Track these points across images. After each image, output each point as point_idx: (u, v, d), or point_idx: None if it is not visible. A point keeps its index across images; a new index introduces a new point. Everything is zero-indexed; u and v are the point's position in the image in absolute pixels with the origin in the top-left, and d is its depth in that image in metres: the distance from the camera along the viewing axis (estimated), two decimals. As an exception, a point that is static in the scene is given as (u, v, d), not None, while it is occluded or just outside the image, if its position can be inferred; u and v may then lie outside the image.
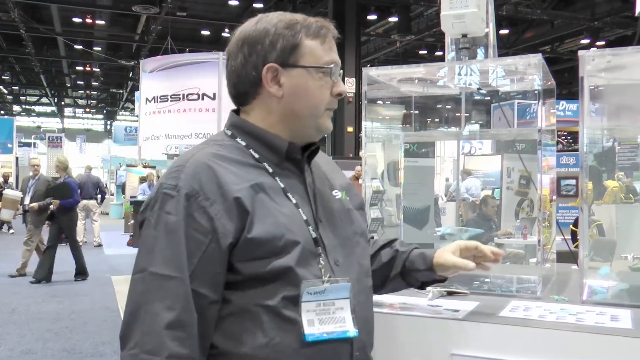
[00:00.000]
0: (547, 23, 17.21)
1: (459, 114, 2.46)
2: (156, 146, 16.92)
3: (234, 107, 1.35)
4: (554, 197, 2.39)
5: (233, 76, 1.30)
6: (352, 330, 1.22)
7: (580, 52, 1.81)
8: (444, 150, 2.78)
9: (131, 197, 14.54)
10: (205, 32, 19.72)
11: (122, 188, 19.39)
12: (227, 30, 19.46)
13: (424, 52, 20.71)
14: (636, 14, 2.34)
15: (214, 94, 12.34)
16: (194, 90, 12.61)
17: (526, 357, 1.44)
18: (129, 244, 12.43)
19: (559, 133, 12.73)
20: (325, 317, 1.20)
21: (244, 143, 1.27)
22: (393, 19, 17.00)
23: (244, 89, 1.29)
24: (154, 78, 13.46)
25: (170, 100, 12.98)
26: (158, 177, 15.75)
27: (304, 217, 1.22)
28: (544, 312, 1.60)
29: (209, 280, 1.15)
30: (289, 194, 1.23)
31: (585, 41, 17.43)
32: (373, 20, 17.96)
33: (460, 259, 1.49)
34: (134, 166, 18.35)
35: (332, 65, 1.28)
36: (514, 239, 2.27)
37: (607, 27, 16.77)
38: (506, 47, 17.34)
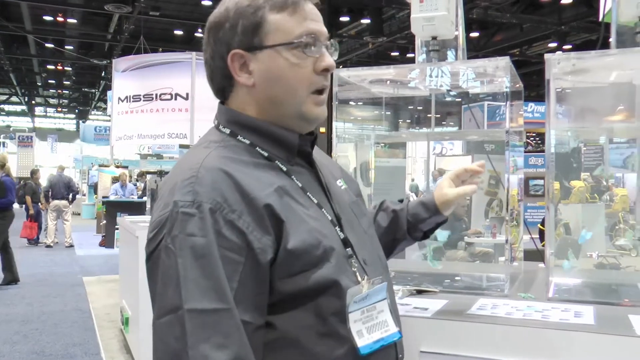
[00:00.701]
0: (516, 27, 17.45)
1: (429, 115, 2.48)
2: (129, 146, 16.78)
3: (207, 107, 1.26)
4: (520, 197, 2.42)
5: (207, 70, 1.15)
6: (397, 332, 1.11)
7: (547, 56, 1.83)
8: (415, 150, 2.80)
9: (103, 197, 14.35)
10: (179, 32, 19.54)
11: (94, 188, 19.12)
12: (200, 30, 19.31)
13: (396, 53, 20.82)
14: (600, 19, 2.39)
15: (187, 94, 12.27)
16: (167, 90, 12.51)
17: (493, 354, 1.45)
18: (101, 244, 12.28)
19: (528, 134, 12.93)
20: (371, 324, 1.07)
21: (247, 141, 1.10)
22: (365, 21, 17.06)
23: (219, 82, 1.15)
24: (127, 77, 13.33)
25: (143, 100, 12.87)
26: (130, 177, 15.58)
27: (329, 218, 1.09)
28: (511, 309, 1.62)
29: (252, 305, 0.97)
30: (309, 194, 1.09)
31: (553, 45, 17.70)
32: (346, 22, 18.01)
33: (461, 188, 1.43)
34: (106, 166, 18.13)
35: (303, 38, 1.09)
36: (483, 238, 2.30)
37: (574, 32, 17.07)
38: (476, 50, 17.54)
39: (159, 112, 12.71)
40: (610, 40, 2.04)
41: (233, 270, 0.96)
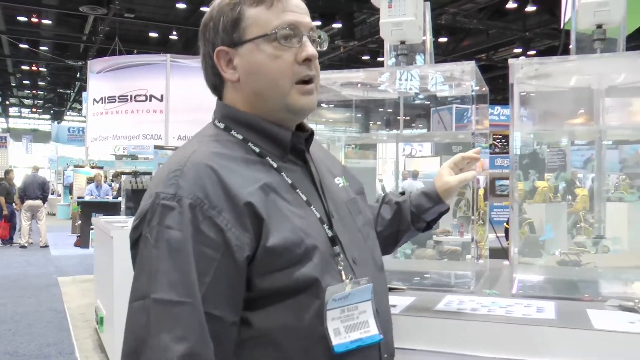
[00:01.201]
0: (483, 33, 17.65)
1: (399, 117, 2.50)
2: (104, 147, 16.54)
3: (182, 108, 1.25)
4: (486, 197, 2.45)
5: (203, 71, 1.16)
6: (377, 334, 1.07)
7: (510, 61, 1.86)
8: (385, 151, 2.82)
9: (78, 197, 14.13)
10: (154, 34, 19.31)
11: (69, 188, 18.81)
12: (174, 32, 19.14)
13: (367, 57, 20.88)
14: (561, 27, 2.43)
15: (162, 96, 12.18)
16: (142, 91, 12.39)
17: (460, 349, 1.47)
18: (76, 244, 12.08)
19: (494, 136, 13.11)
20: (350, 323, 1.04)
21: (240, 136, 1.10)
22: (337, 25, 17.09)
23: (212, 80, 1.16)
24: (102, 79, 13.17)
25: (118, 101, 12.74)
26: (106, 177, 15.36)
27: (317, 215, 1.07)
28: (477, 305, 1.64)
29: (225, 300, 0.97)
30: (298, 191, 1.07)
31: (518, 50, 17.95)
32: (318, 26, 17.91)
33: (461, 175, 1.43)
34: (81, 167, 17.86)
35: (283, 29, 1.07)
36: (451, 236, 2.32)
37: (537, 38, 17.34)
38: (445, 54, 17.70)
39: (133, 113, 12.59)
40: (571, 47, 2.08)
41: (207, 266, 0.95)
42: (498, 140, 13.17)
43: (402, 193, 1.53)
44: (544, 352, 1.41)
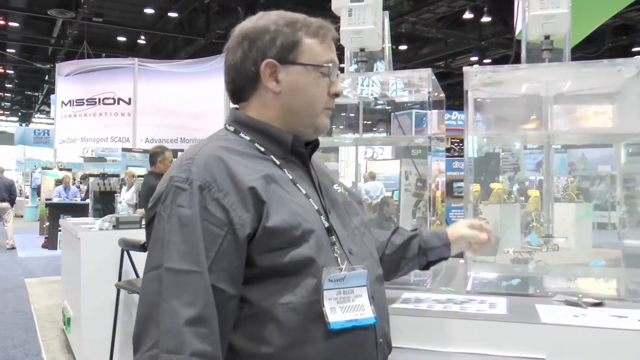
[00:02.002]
0: (441, 41, 17.90)
1: (361, 122, 2.51)
2: (72, 149, 16.18)
3: (149, 111, 1.27)
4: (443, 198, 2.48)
5: (232, 71, 1.22)
6: (372, 317, 1.14)
7: (465, 68, 1.89)
8: (348, 154, 2.82)
9: (46, 199, 13.78)
10: (122, 38, 18.99)
11: (37, 190, 18.32)
12: (142, 37, 18.86)
13: (331, 64, 20.99)
14: (515, 36, 2.48)
15: (130, 99, 12.01)
16: (110, 94, 12.20)
17: (416, 344, 1.48)
18: (44, 246, 11.78)
19: (453, 140, 13.28)
20: (346, 305, 1.11)
21: (248, 137, 1.20)
22: (302, 32, 17.12)
23: (241, 84, 1.22)
24: (70, 82, 12.91)
25: (87, 104, 12.52)
26: (74, 179, 15.01)
27: (315, 207, 1.15)
28: (433, 302, 1.65)
29: (227, 275, 1.05)
30: (298, 185, 1.17)
31: (474, 58, 18.25)
32: (283, 33, 18.00)
33: (474, 231, 1.52)
34: (49, 169, 17.43)
35: (330, 65, 1.22)
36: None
37: (492, 47, 17.66)
38: (405, 62, 17.87)
39: (102, 116, 12.40)
40: (522, 56, 2.13)
41: (212, 242, 1.04)
42: (456, 144, 13.36)
43: (414, 230, 1.60)
44: (496, 345, 1.43)
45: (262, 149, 1.18)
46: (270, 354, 1.05)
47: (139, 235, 4.17)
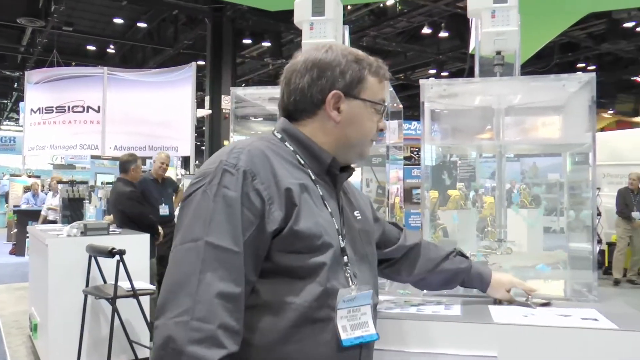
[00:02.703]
0: (401, 54, 18.14)
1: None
2: (41, 156, 15.76)
3: (118, 120, 1.25)
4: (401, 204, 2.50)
5: (297, 93, 1.25)
6: (375, 334, 1.21)
7: (421, 81, 1.92)
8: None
9: (14, 206, 13.38)
10: (91, 47, 18.63)
11: (5, 197, 17.76)
12: (112, 46, 18.56)
13: (296, 75, 21.00)
14: (470, 51, 2.53)
15: (99, 107, 11.80)
16: (79, 102, 11.96)
17: (376, 344, 1.48)
18: (12, 252, 11.42)
19: (412, 149, 13.44)
20: (354, 322, 1.17)
21: (291, 148, 1.23)
22: (266, 44, 17.10)
23: (303, 107, 1.25)
24: (40, 89, 12.60)
25: (56, 112, 12.24)
26: (43, 186, 14.60)
27: (336, 226, 1.19)
28: (391, 305, 1.66)
29: (251, 261, 1.08)
30: (325, 202, 1.20)
31: (432, 71, 18.56)
32: (248, 44, 17.95)
33: (511, 295, 1.63)
34: (18, 175, 16.92)
35: (385, 104, 1.30)
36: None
37: (450, 61, 17.99)
38: (368, 74, 18.04)
39: (71, 124, 12.14)
40: (475, 70, 2.17)
41: (246, 228, 1.07)
42: (415, 153, 13.52)
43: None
44: (451, 345, 1.45)
45: (302, 162, 1.22)
46: (262, 346, 1.08)
47: (107, 241, 4.09)
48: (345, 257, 1.18)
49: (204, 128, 16.35)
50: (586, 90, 1.83)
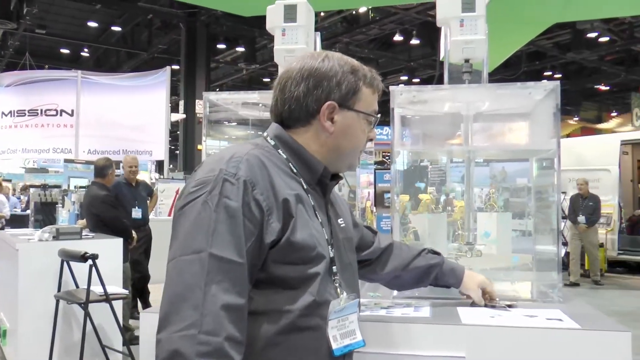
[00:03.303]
0: (373, 61, 18.24)
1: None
2: (13, 160, 15.40)
3: (92, 123, 1.22)
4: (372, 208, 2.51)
5: (293, 102, 1.22)
6: (361, 340, 1.21)
7: (391, 88, 1.92)
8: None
9: (-16, 210, 13.00)
10: (65, 51, 18.31)
11: (-26, 201, 17.26)
12: (86, 49, 18.26)
13: (267, 79, 20.95)
14: (440, 59, 2.55)
15: (72, 111, 11.60)
16: (52, 106, 11.74)
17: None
18: (-19, 256, 11.11)
19: (384, 154, 13.51)
20: (343, 331, 1.18)
21: (284, 156, 1.21)
22: (240, 49, 17.06)
23: (298, 116, 1.23)
24: (11, 92, 12.32)
25: (28, 115, 11.99)
26: (14, 190, 14.26)
27: (326, 236, 1.18)
28: (361, 307, 1.66)
29: (249, 271, 1.07)
30: (317, 212, 1.19)
31: (404, 78, 18.73)
32: (222, 49, 17.90)
33: (478, 295, 1.64)
34: (-12, 179, 16.48)
35: (378, 115, 1.29)
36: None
37: (421, 68, 18.21)
38: (341, 80, 18.11)
39: (44, 127, 11.91)
40: (445, 77, 2.19)
41: (247, 238, 1.06)
42: (387, 158, 13.60)
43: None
44: (420, 346, 1.46)
45: (295, 170, 1.20)
46: (250, 353, 1.07)
47: (79, 246, 4.01)
48: (334, 267, 1.18)
49: (178, 132, 16.22)
50: (551, 98, 1.86)
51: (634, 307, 7.23)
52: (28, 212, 11.11)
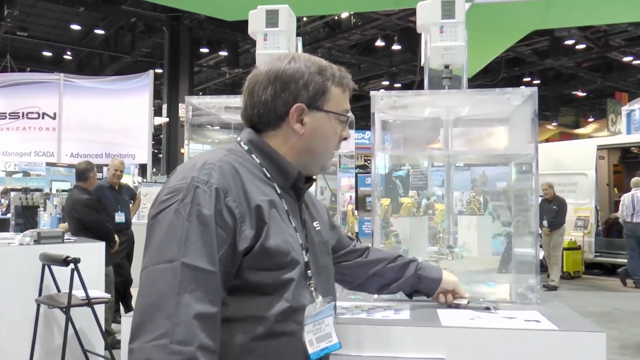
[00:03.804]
0: (355, 66, 18.32)
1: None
2: (-7, 163, 15.16)
3: (74, 127, 1.20)
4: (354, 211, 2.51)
5: (261, 106, 1.21)
6: (337, 343, 1.21)
7: (372, 93, 1.93)
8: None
9: (-36, 213, 12.76)
10: (47, 53, 18.08)
11: (-46, 204, 16.95)
12: (69, 52, 18.05)
13: (251, 84, 20.96)
14: (421, 64, 2.57)
15: (55, 114, 11.45)
16: (34, 109, 11.58)
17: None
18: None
19: (366, 158, 13.56)
20: (319, 335, 1.17)
21: (258, 161, 1.20)
22: (223, 53, 17.02)
23: (267, 119, 1.22)
24: (-9, 95, 12.10)
25: (9, 118, 11.81)
26: (-5, 193, 14.02)
27: (300, 241, 1.17)
28: (342, 310, 1.65)
29: (221, 278, 1.05)
30: (290, 217, 1.18)
31: (386, 83, 18.82)
32: (205, 53, 17.84)
33: (450, 298, 1.65)
34: (-32, 182, 16.20)
35: (348, 114, 1.27)
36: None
37: (402, 73, 18.31)
38: (323, 84, 18.15)
39: (25, 130, 11.74)
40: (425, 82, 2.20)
41: (220, 246, 1.04)
42: (369, 162, 13.64)
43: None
44: (400, 348, 1.46)
45: (268, 175, 1.19)
46: (226, 359, 1.06)
47: (61, 250, 3.95)
48: (309, 272, 1.17)
49: (161, 136, 16.10)
50: (529, 103, 1.88)
51: (609, 308, 7.33)
52: (9, 215, 10.95)
